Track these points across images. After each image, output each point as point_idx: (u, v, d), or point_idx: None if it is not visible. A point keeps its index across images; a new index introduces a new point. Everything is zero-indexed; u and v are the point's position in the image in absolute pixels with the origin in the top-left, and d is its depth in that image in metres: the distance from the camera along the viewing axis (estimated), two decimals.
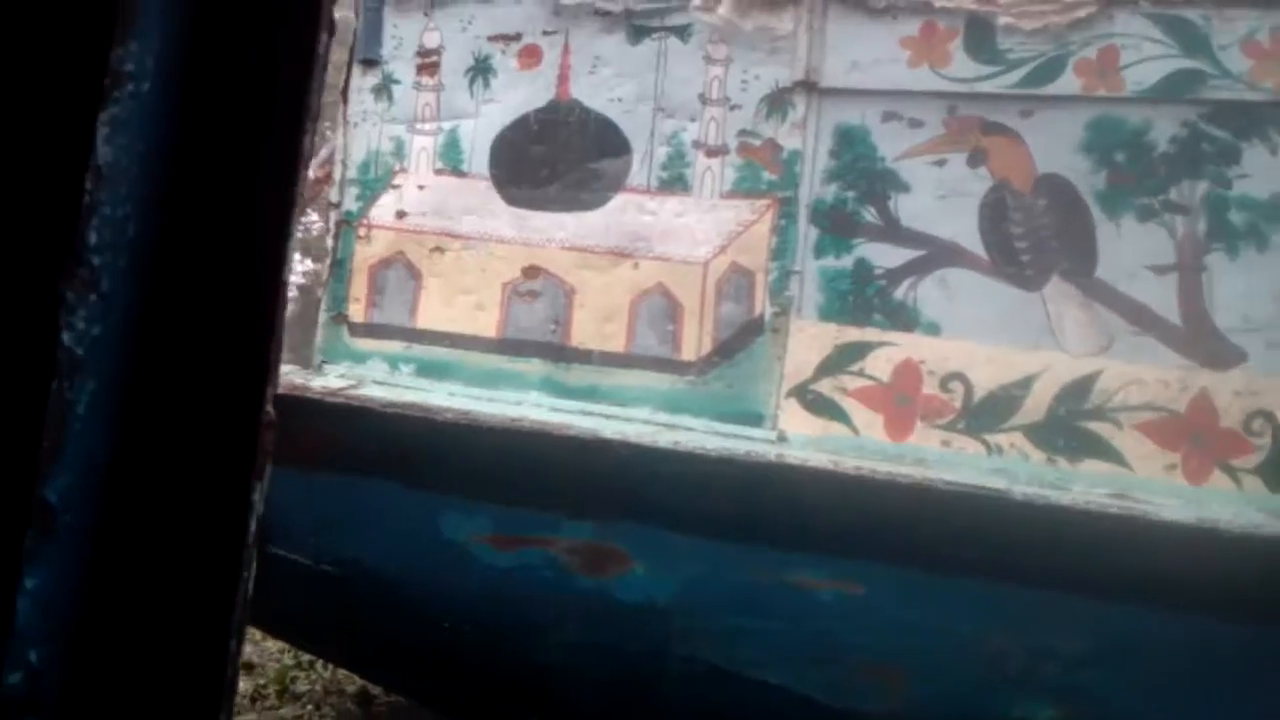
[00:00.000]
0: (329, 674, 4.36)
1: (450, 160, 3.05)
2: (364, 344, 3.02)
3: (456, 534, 2.75)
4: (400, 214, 3.07)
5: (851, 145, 2.69)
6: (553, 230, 2.91)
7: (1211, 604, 2.14)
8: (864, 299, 2.63)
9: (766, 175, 2.75)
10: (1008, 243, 2.56)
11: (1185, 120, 2.45)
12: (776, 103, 2.76)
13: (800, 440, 2.58)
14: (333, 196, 3.17)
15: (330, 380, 2.89)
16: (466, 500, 2.71)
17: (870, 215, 2.66)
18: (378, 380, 2.92)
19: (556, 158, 2.93)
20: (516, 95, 3.00)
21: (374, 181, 3.12)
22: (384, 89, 3.13)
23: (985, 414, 2.50)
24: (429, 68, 3.10)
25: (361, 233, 3.09)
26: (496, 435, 2.61)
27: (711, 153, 2.81)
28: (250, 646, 4.70)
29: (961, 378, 2.53)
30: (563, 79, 2.97)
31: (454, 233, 3.01)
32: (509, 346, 2.89)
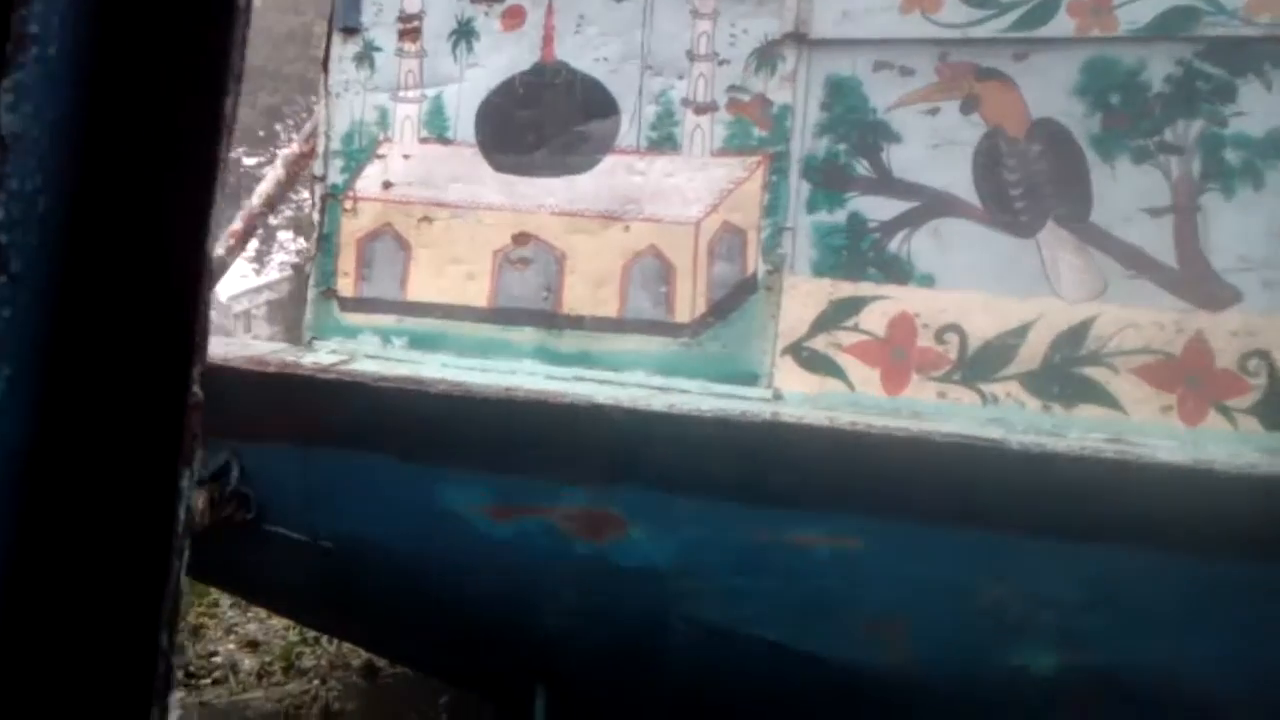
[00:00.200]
0: (334, 648, 4.42)
1: (435, 128, 3.00)
2: (354, 318, 3.00)
3: (454, 505, 2.76)
4: (386, 185, 3.02)
5: (843, 97, 2.64)
6: (542, 196, 2.87)
7: (1209, 544, 2.14)
8: (858, 253, 2.60)
9: (757, 131, 2.70)
10: (1002, 190, 2.52)
11: (1180, 58, 2.39)
12: (766, 56, 2.70)
13: (796, 398, 2.56)
14: (316, 169, 3.13)
15: (321, 356, 2.87)
16: (463, 472, 2.71)
17: (863, 168, 2.62)
18: (370, 355, 2.90)
19: (543, 121, 2.88)
20: (501, 58, 2.94)
21: (358, 152, 3.07)
22: (365, 57, 3.07)
23: (981, 364, 2.48)
24: (410, 33, 3.04)
25: (347, 205, 3.05)
26: (491, 405, 2.60)
27: (700, 110, 2.76)
28: (255, 624, 4.77)
29: (956, 329, 2.50)
30: (547, 40, 2.91)
31: (442, 202, 2.97)
32: (501, 315, 2.87)
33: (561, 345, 2.80)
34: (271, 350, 2.96)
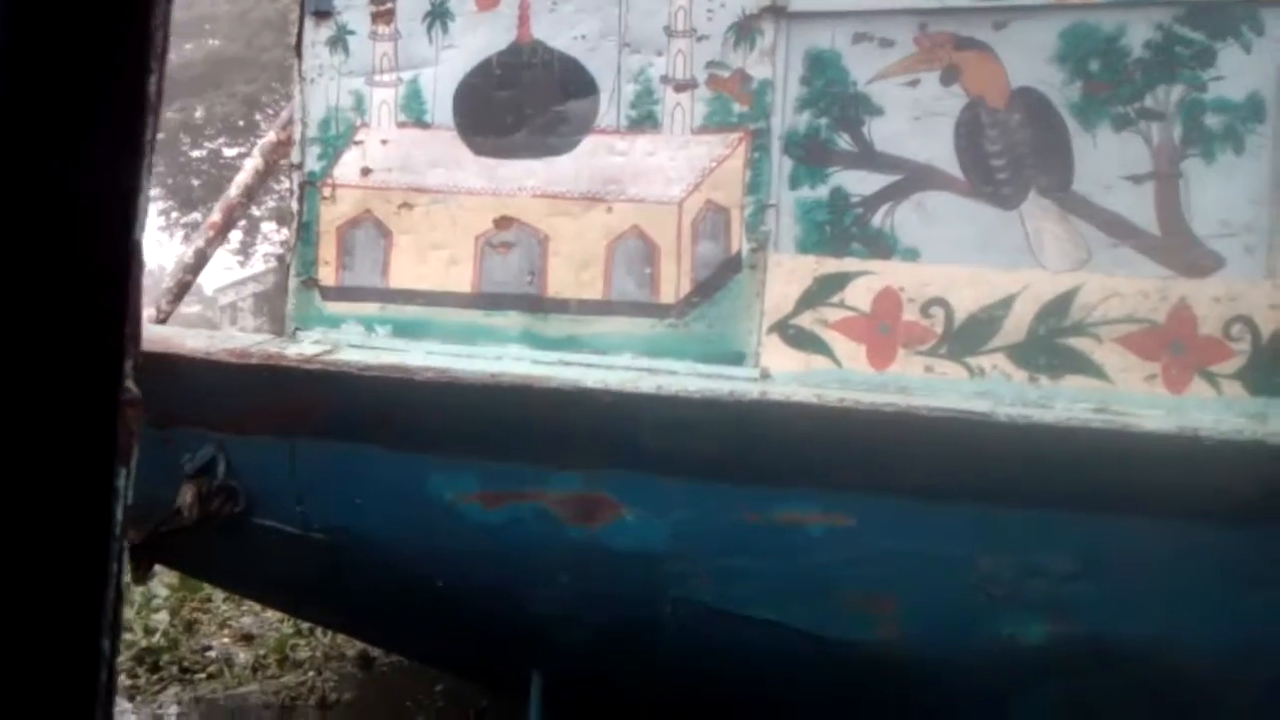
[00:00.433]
0: (329, 639, 4.42)
1: (413, 112, 2.96)
2: (337, 308, 2.97)
3: (444, 494, 2.75)
4: (365, 171, 2.98)
5: (823, 70, 2.61)
6: (523, 178, 2.84)
7: (1195, 510, 2.16)
8: (841, 229, 2.59)
9: (737, 107, 2.68)
10: (984, 161, 2.50)
11: (1159, 23, 2.37)
12: (744, 30, 2.66)
13: (783, 376, 2.56)
14: (294, 157, 3.08)
15: (305, 347, 2.84)
16: (452, 459, 2.69)
17: (844, 142, 2.60)
18: (353, 344, 2.87)
19: (522, 102, 2.84)
20: (477, 39, 2.89)
21: (335, 139, 3.03)
22: (339, 41, 3.02)
23: (966, 337, 2.47)
24: (384, 15, 2.98)
25: (326, 193, 3.01)
26: (478, 392, 2.59)
27: (680, 87, 2.72)
28: (250, 617, 4.76)
29: (942, 302, 2.50)
30: (523, 19, 2.86)
31: (421, 187, 2.93)
32: (485, 300, 2.84)
33: (547, 329, 2.78)
34: (254, 342, 2.93)
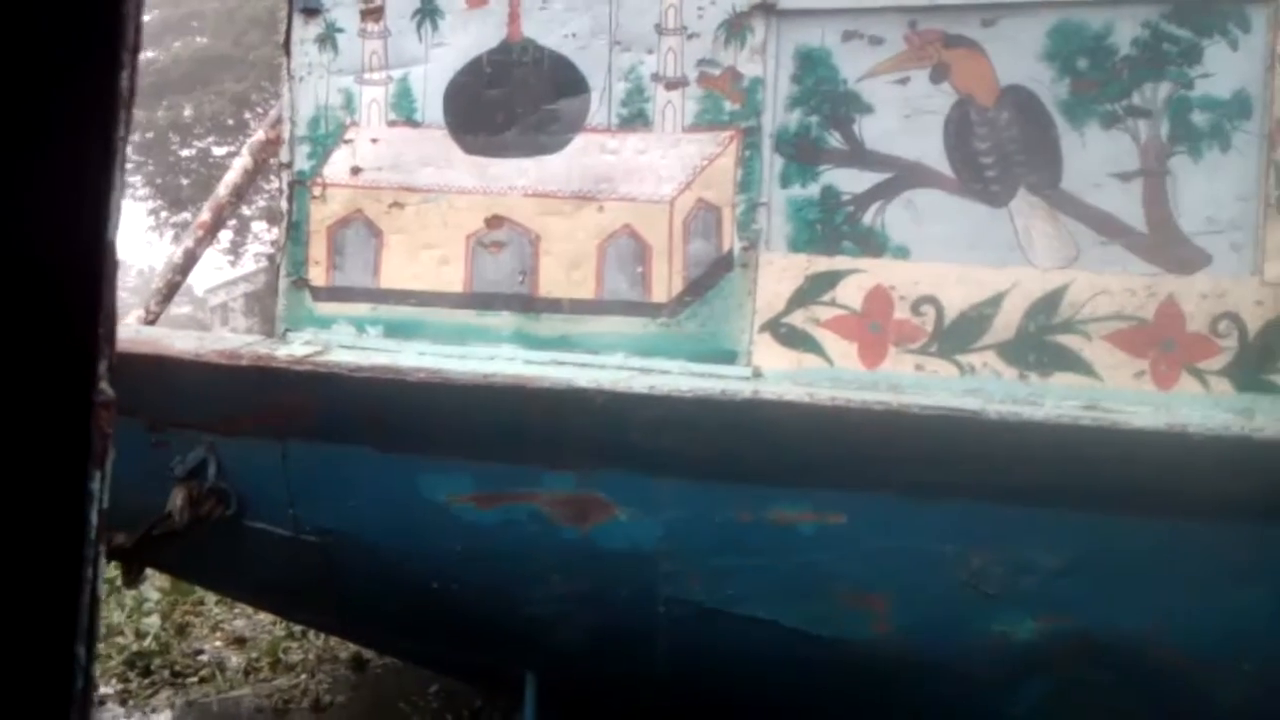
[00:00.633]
0: (321, 642, 4.40)
1: (403, 110, 2.94)
2: (327, 308, 2.95)
3: (436, 495, 2.74)
4: (355, 170, 2.97)
5: (813, 68, 2.61)
6: (514, 177, 2.83)
7: (1184, 506, 2.17)
8: (832, 227, 2.59)
9: (728, 105, 2.67)
10: (973, 159, 2.51)
11: (1146, 20, 2.39)
12: (735, 28, 2.66)
13: (775, 375, 2.56)
14: (283, 156, 3.06)
15: (295, 348, 2.83)
16: (444, 460, 2.69)
17: (835, 140, 2.60)
18: (345, 344, 2.86)
19: (512, 101, 2.83)
20: (467, 37, 2.88)
21: (325, 137, 3.01)
22: (328, 39, 3.00)
23: (957, 335, 2.49)
24: (373, 13, 2.96)
25: (316, 192, 2.99)
26: (470, 392, 2.58)
27: (671, 85, 2.72)
28: (242, 620, 4.74)
29: (932, 300, 2.51)
30: (513, 17, 2.85)
31: (412, 186, 2.92)
32: (477, 300, 2.84)
33: (539, 329, 2.78)
34: (245, 343, 2.91)
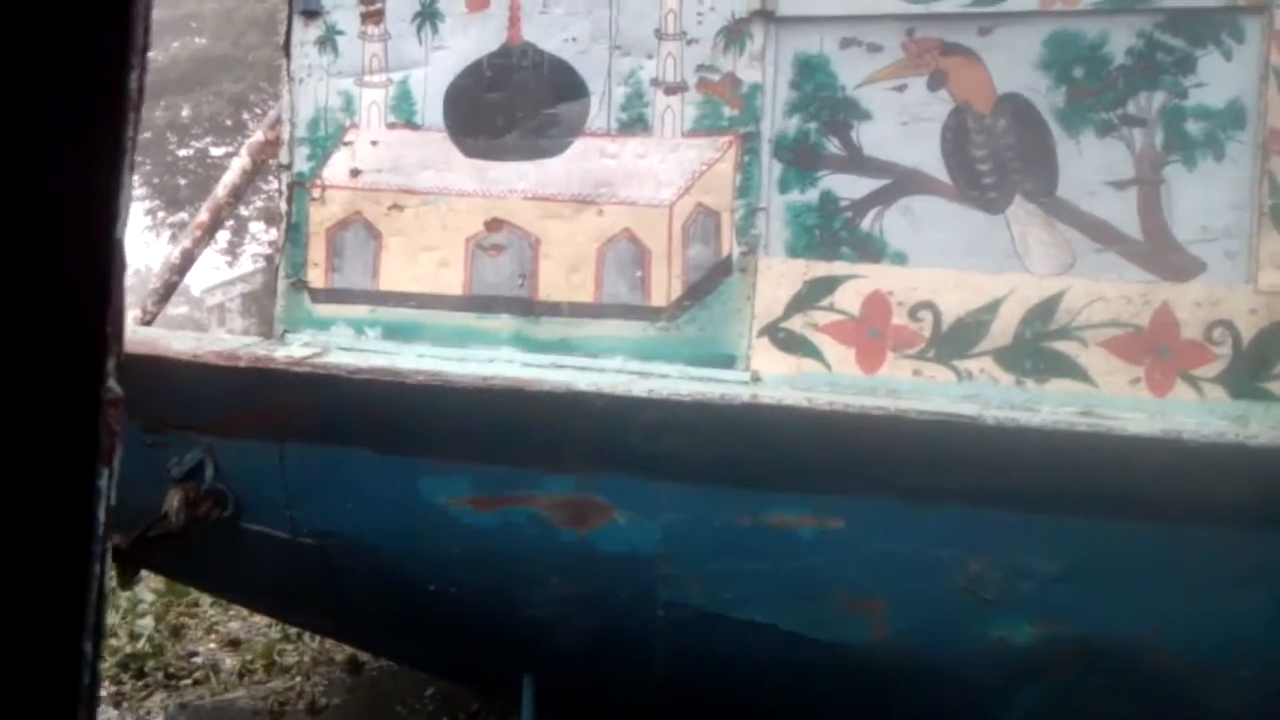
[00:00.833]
0: (317, 644, 4.38)
1: (403, 113, 2.95)
2: (326, 310, 2.96)
3: (435, 498, 2.74)
4: (354, 172, 2.97)
5: (812, 75, 2.63)
6: (513, 180, 2.84)
7: (1179, 512, 2.19)
8: (830, 232, 2.61)
9: (727, 111, 2.69)
10: (970, 166, 2.53)
11: (1141, 30, 2.41)
12: (734, 34, 2.68)
13: (774, 379, 2.57)
14: (282, 158, 3.06)
15: (294, 350, 2.83)
16: (443, 463, 2.69)
17: (833, 146, 2.62)
18: (343, 346, 2.86)
19: (512, 105, 2.84)
20: (467, 40, 2.89)
21: (324, 139, 3.01)
22: (328, 41, 3.00)
23: (954, 341, 2.50)
24: (373, 16, 2.97)
25: (315, 194, 2.99)
26: (469, 395, 2.59)
27: (670, 90, 2.73)
28: (237, 622, 4.72)
29: (930, 306, 2.52)
30: (513, 21, 2.86)
31: (412, 189, 2.92)
32: (476, 303, 2.84)
33: (538, 332, 2.78)
34: (243, 344, 2.91)
